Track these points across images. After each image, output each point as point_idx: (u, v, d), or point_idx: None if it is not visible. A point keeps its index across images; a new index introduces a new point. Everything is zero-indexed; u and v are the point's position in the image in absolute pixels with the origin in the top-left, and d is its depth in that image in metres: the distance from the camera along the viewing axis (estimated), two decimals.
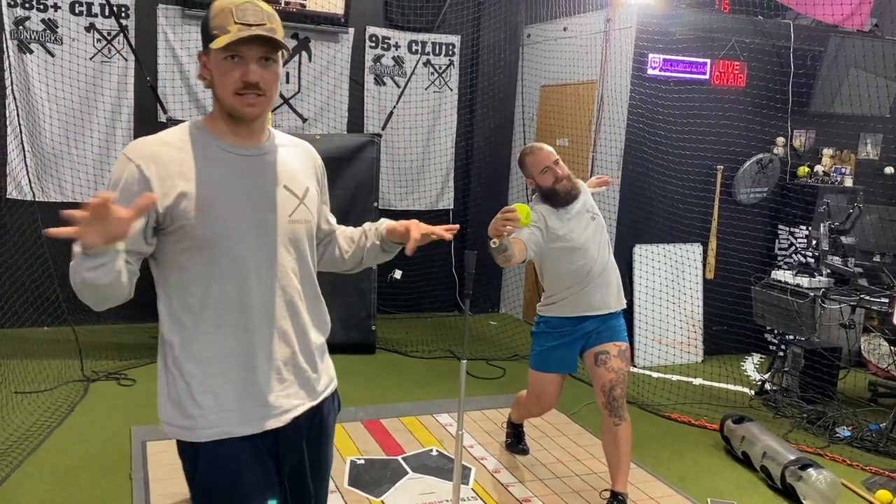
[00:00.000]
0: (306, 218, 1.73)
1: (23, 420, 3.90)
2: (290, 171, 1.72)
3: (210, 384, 1.62)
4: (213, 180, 1.60)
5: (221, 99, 1.61)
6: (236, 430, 1.62)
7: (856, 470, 3.92)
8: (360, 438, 3.95)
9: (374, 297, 5.48)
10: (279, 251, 1.66)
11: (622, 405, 3.20)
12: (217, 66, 1.58)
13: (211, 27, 1.57)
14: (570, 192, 3.20)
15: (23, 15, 5.23)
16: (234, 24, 1.55)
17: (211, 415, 1.61)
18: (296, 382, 1.71)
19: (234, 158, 1.64)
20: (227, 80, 1.57)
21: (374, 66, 6.32)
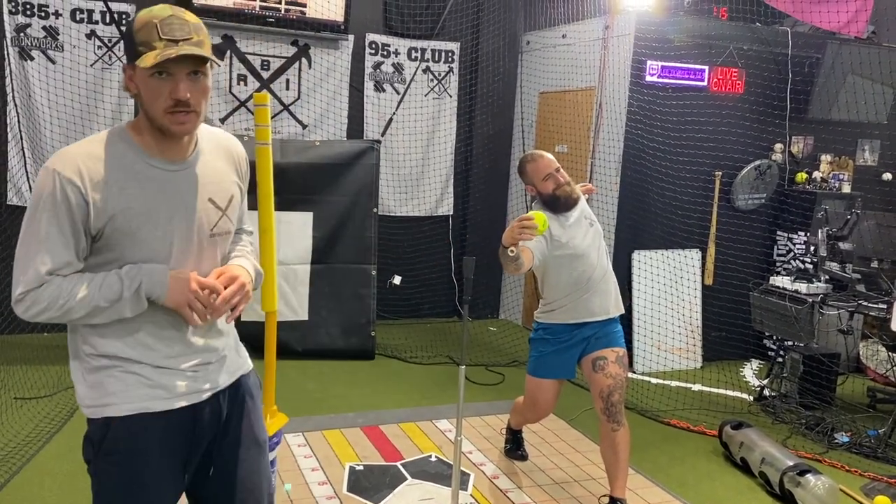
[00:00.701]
0: (227, 229, 1.77)
1: (22, 426, 3.91)
2: (215, 181, 1.72)
3: (123, 370, 1.65)
4: (141, 201, 1.59)
5: (151, 116, 1.57)
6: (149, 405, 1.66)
7: (854, 476, 3.92)
8: (358, 444, 3.96)
9: (374, 303, 5.49)
10: (202, 265, 1.71)
11: (620, 411, 3.20)
12: (144, 82, 1.54)
13: (136, 42, 1.52)
14: (570, 196, 3.22)
15: (24, 22, 5.26)
16: (160, 40, 1.50)
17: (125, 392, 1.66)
18: (202, 374, 1.74)
19: (161, 175, 1.62)
20: (157, 99, 1.54)
21: (374, 73, 6.34)
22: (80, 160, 1.55)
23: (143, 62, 1.49)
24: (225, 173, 1.76)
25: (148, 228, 1.60)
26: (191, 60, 1.53)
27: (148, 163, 1.61)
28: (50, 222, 1.55)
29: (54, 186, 1.53)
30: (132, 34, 1.53)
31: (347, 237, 5.42)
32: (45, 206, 1.55)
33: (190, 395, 1.70)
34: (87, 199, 1.54)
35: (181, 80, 1.53)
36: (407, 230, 6.54)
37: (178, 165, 1.65)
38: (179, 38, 1.51)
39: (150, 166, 1.61)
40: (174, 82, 1.53)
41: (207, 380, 1.74)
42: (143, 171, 1.60)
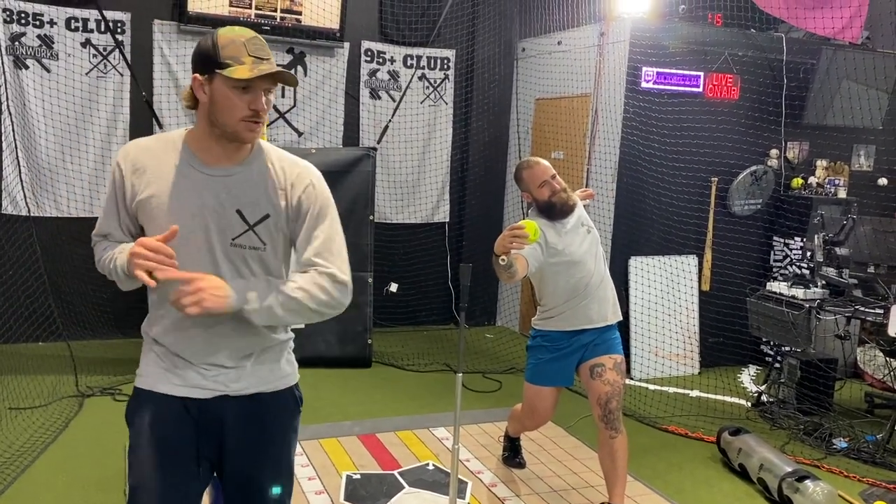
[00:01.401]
0: (254, 244, 1.79)
1: (17, 436, 3.88)
2: (250, 196, 1.78)
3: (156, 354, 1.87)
4: (172, 194, 1.76)
5: (223, 123, 1.72)
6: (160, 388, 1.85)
7: (853, 481, 3.91)
8: (355, 453, 3.94)
9: (370, 311, 5.47)
10: (220, 269, 1.78)
11: (618, 418, 3.19)
12: (224, 92, 1.70)
13: (222, 56, 1.69)
14: (566, 203, 3.20)
15: (19, 31, 5.25)
16: (249, 57, 1.69)
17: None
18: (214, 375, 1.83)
19: (199, 177, 1.77)
20: (236, 108, 1.71)
21: (370, 81, 6.34)
22: (133, 149, 1.83)
23: (236, 73, 1.67)
24: (264, 192, 1.79)
25: (169, 219, 1.74)
26: (270, 78, 1.72)
27: (190, 163, 1.78)
28: (108, 195, 1.87)
29: (113, 167, 1.84)
30: (216, 49, 1.70)
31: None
32: (109, 182, 1.86)
33: (196, 390, 1.83)
34: (125, 181, 1.80)
35: (260, 94, 1.72)
36: (403, 237, 6.53)
37: (218, 171, 1.78)
38: (264, 57, 1.71)
39: (190, 167, 1.78)
40: (254, 95, 1.71)
41: (218, 381, 1.83)
42: (183, 169, 1.78)
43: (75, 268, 5.39)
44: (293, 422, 1.96)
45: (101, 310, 5.53)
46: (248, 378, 1.86)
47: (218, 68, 1.68)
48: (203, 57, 1.72)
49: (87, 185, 5.53)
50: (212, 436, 1.86)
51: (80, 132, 5.48)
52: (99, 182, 5.55)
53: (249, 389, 1.86)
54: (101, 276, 1.94)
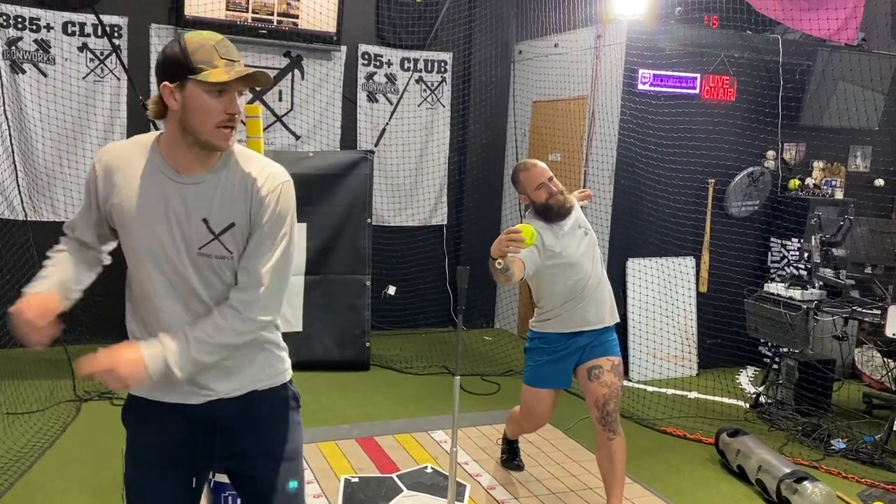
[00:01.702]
0: (220, 253, 1.75)
1: (14, 442, 3.87)
2: (217, 204, 1.73)
3: None
4: (140, 201, 1.74)
5: (197, 130, 1.68)
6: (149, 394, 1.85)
7: (851, 482, 3.91)
8: (354, 456, 3.93)
9: (368, 314, 5.47)
10: (188, 276, 1.76)
11: (616, 420, 3.19)
12: (197, 98, 1.65)
13: (194, 61, 1.64)
14: (563, 206, 3.20)
15: (15, 35, 5.25)
16: (221, 60, 1.65)
17: None
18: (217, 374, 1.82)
19: (168, 184, 1.74)
20: (210, 113, 1.66)
21: (367, 84, 6.35)
22: (108, 153, 1.80)
23: (212, 77, 1.63)
24: (232, 200, 1.75)
25: (137, 225, 1.74)
26: (243, 81, 1.68)
27: (159, 168, 1.74)
28: (84, 193, 1.88)
29: (90, 167, 1.83)
30: (187, 53, 1.64)
31: (341, 248, 5.41)
32: (86, 181, 1.86)
33: (186, 395, 1.81)
34: (97, 183, 1.79)
35: (235, 97, 1.68)
36: (401, 240, 6.53)
37: (187, 179, 1.73)
38: (235, 59, 1.68)
39: (159, 172, 1.74)
40: (230, 98, 1.67)
41: (202, 385, 1.81)
42: (151, 174, 1.74)
43: None
44: (293, 416, 1.95)
45: (99, 313, 5.49)
46: (238, 379, 1.85)
47: (191, 73, 1.64)
48: (172, 63, 1.66)
49: (83, 190, 5.51)
50: (208, 438, 1.86)
51: (77, 136, 5.48)
52: None
53: (241, 390, 1.85)
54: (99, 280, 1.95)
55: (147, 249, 1.74)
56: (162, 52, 1.70)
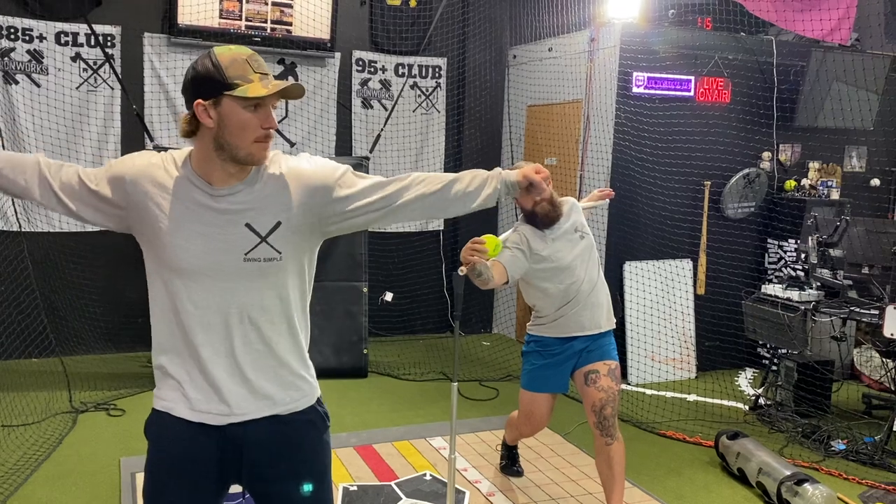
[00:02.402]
0: (269, 255, 1.73)
1: (10, 454, 3.85)
2: (258, 207, 1.72)
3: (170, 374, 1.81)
4: (177, 216, 1.70)
5: (235, 146, 1.65)
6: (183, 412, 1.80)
7: (852, 483, 3.90)
8: (352, 464, 3.91)
9: (366, 321, 5.45)
10: (237, 287, 1.72)
11: (613, 424, 3.17)
12: (234, 113, 1.63)
13: (228, 77, 1.61)
14: (548, 214, 3.17)
15: (8, 46, 5.23)
16: (255, 74, 1.64)
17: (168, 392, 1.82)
18: (247, 395, 1.78)
19: (204, 198, 1.71)
20: (248, 129, 1.64)
21: (362, 90, 6.34)
22: (144, 163, 1.75)
23: (250, 92, 1.61)
24: (272, 200, 1.73)
25: (174, 239, 1.70)
26: (278, 94, 1.67)
27: (194, 183, 1.71)
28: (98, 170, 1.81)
29: (119, 163, 1.78)
30: (221, 69, 1.62)
31: (337, 255, 5.39)
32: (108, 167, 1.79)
33: (210, 416, 1.77)
34: (124, 185, 1.74)
35: (270, 111, 1.67)
36: (398, 246, 6.52)
37: (224, 190, 1.71)
38: (267, 72, 1.67)
39: (194, 187, 1.71)
40: (265, 113, 1.66)
41: (232, 410, 1.77)
42: (187, 190, 1.71)
43: (68, 283, 5.36)
44: (321, 437, 1.90)
45: (94, 324, 5.50)
46: (262, 400, 1.80)
47: (227, 89, 1.61)
48: (205, 80, 1.63)
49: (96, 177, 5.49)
50: (235, 457, 1.80)
51: (70, 146, 5.46)
52: None
53: (263, 412, 1.80)
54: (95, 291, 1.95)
55: (187, 263, 1.70)
56: (192, 69, 1.66)
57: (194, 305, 1.73)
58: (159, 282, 1.76)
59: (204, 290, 1.72)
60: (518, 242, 3.16)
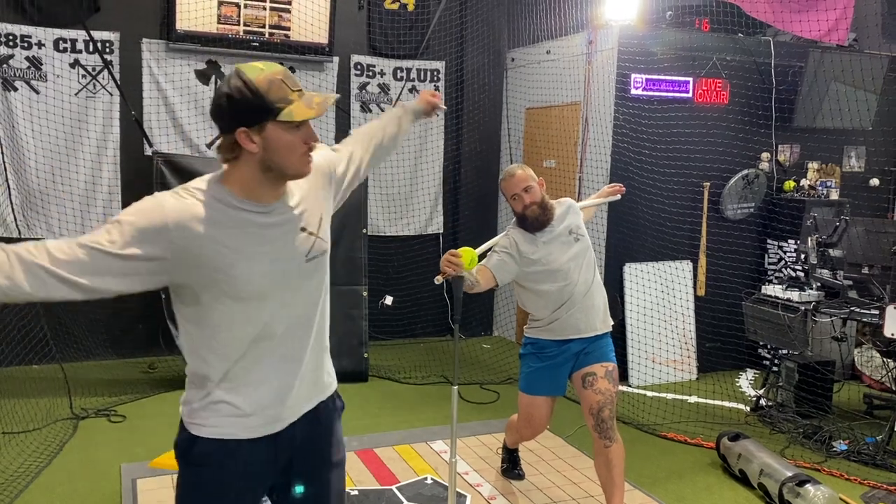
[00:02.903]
0: (324, 248, 1.82)
1: (10, 461, 3.84)
2: (304, 209, 1.78)
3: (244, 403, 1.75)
4: (237, 245, 1.65)
5: (283, 166, 1.64)
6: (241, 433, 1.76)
7: (854, 484, 3.89)
8: (353, 469, 3.91)
9: (366, 325, 5.45)
10: (304, 288, 1.78)
11: (612, 427, 3.17)
12: (279, 137, 1.61)
13: (271, 101, 1.59)
14: (538, 218, 3.19)
15: (6, 53, 5.24)
16: (294, 92, 1.61)
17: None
18: (306, 393, 1.84)
19: (257, 218, 1.68)
20: (294, 148, 1.64)
21: (360, 94, 6.35)
22: (173, 209, 1.60)
23: (296, 115, 1.59)
24: (312, 194, 1.81)
25: (243, 267, 1.65)
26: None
27: (245, 209, 1.66)
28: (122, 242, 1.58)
29: (156, 222, 1.58)
30: (261, 95, 1.58)
31: (337, 258, 5.38)
32: (135, 230, 1.58)
33: (272, 426, 1.78)
34: (170, 237, 1.58)
35: (310, 125, 1.66)
36: (397, 250, 6.52)
37: (271, 207, 1.70)
38: (301, 86, 1.65)
39: (242, 211, 1.66)
40: (307, 128, 1.65)
41: (290, 409, 1.80)
42: (233, 218, 1.65)
43: None
44: (340, 423, 1.99)
45: (95, 331, 5.50)
46: (309, 393, 1.86)
47: (271, 115, 1.59)
48: (247, 107, 1.59)
49: (78, 206, 5.50)
50: (286, 457, 1.83)
51: (70, 153, 5.46)
52: (90, 202, 5.53)
53: (314, 402, 1.87)
54: None
55: (259, 286, 1.67)
56: (225, 98, 1.60)
57: (272, 323, 1.71)
58: (224, 317, 1.68)
59: (279, 306, 1.72)
60: (507, 247, 3.20)
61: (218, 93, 1.63)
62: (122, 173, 5.62)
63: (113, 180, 5.60)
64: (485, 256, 3.24)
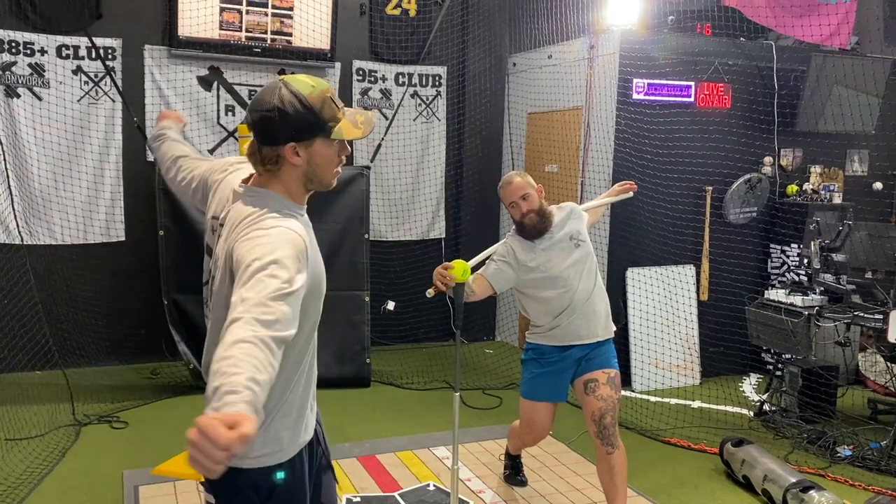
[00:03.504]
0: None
1: (13, 468, 3.84)
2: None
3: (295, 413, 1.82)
4: (316, 254, 1.76)
5: (322, 178, 1.72)
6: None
7: (858, 490, 3.87)
8: (355, 475, 3.90)
9: (368, 330, 5.45)
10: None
11: (614, 433, 3.16)
12: (325, 152, 1.68)
13: (324, 118, 1.64)
14: (536, 226, 3.19)
15: (9, 60, 5.25)
16: (339, 110, 1.68)
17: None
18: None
19: (305, 220, 1.78)
20: (333, 162, 1.71)
21: (362, 99, 6.35)
22: (302, 236, 1.64)
23: (347, 134, 1.67)
24: None
25: (321, 268, 1.78)
26: None
27: (304, 215, 1.77)
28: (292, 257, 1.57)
29: (301, 245, 1.61)
30: (315, 112, 1.63)
31: (339, 264, 5.39)
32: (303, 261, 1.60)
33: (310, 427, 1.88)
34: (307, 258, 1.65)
35: (345, 141, 1.72)
36: (399, 255, 6.51)
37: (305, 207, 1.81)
38: (342, 104, 1.72)
39: (300, 216, 1.75)
40: (342, 144, 1.72)
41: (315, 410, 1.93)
42: (305, 223, 1.76)
43: (70, 295, 5.37)
44: None
45: (97, 337, 5.50)
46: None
47: (323, 132, 1.65)
48: (302, 123, 1.63)
49: (80, 213, 5.51)
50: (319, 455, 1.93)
51: (72, 159, 5.47)
52: (92, 208, 5.54)
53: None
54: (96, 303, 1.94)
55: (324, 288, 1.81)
56: (276, 111, 1.61)
57: (317, 320, 1.82)
58: (307, 329, 1.76)
59: (320, 303, 1.81)
60: (504, 255, 3.23)
61: (264, 104, 1.63)
62: (124, 180, 5.63)
63: (115, 186, 5.61)
64: (480, 267, 3.29)
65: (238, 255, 1.54)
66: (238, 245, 1.57)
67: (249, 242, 1.55)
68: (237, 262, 1.53)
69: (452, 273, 2.82)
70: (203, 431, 1.13)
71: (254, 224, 1.60)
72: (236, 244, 1.57)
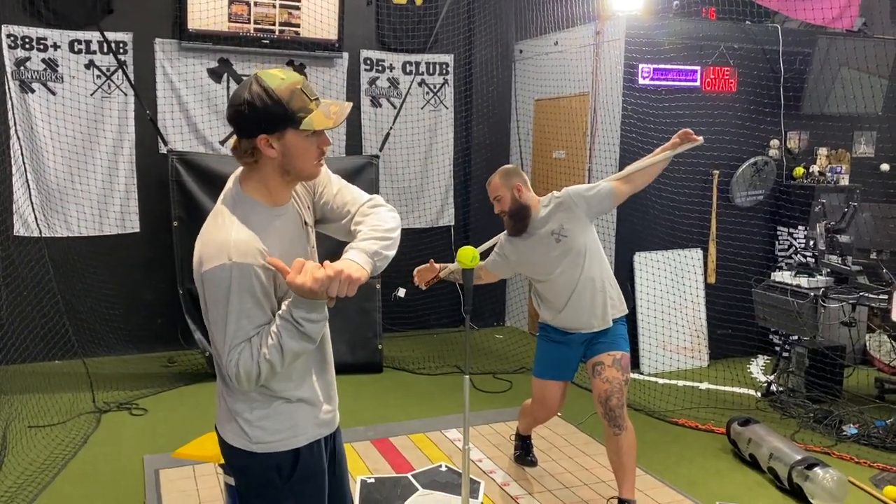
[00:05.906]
0: (313, 241, 1.94)
1: (37, 454, 3.96)
2: (301, 205, 1.88)
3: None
4: (281, 249, 1.75)
5: (299, 169, 1.74)
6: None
7: (863, 467, 3.93)
8: (369, 458, 3.99)
9: (379, 317, 5.53)
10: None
11: (620, 415, 3.22)
12: (297, 143, 1.70)
13: (293, 110, 1.66)
14: (510, 227, 3.40)
15: (23, 55, 5.34)
16: (312, 101, 1.69)
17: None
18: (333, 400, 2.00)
19: (277, 221, 1.78)
20: (310, 153, 1.73)
21: (370, 89, 6.41)
22: (250, 240, 1.68)
23: (316, 125, 1.68)
24: (302, 194, 1.91)
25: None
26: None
27: (273, 214, 1.77)
28: (241, 302, 1.67)
29: (247, 276, 1.66)
30: (282, 104, 1.65)
31: None
32: (246, 288, 1.67)
33: (329, 416, 1.96)
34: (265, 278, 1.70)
35: (324, 131, 1.75)
36: (409, 242, 6.55)
37: (285, 208, 1.81)
38: (317, 95, 1.73)
39: (275, 217, 1.78)
40: (321, 135, 1.74)
41: (335, 411, 2.00)
42: (273, 223, 1.76)
43: (88, 286, 5.48)
44: None
45: (115, 326, 5.61)
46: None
47: (292, 124, 1.67)
48: (269, 115, 1.65)
49: (95, 205, 5.61)
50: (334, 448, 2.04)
51: (87, 152, 5.57)
52: (107, 200, 5.64)
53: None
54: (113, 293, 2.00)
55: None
56: (246, 105, 1.66)
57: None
58: None
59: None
60: (498, 247, 3.53)
61: (237, 98, 1.68)
62: (138, 172, 5.72)
63: (129, 179, 5.71)
64: (489, 253, 3.57)
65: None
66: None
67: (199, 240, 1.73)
68: None
69: (461, 260, 2.88)
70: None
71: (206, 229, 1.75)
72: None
